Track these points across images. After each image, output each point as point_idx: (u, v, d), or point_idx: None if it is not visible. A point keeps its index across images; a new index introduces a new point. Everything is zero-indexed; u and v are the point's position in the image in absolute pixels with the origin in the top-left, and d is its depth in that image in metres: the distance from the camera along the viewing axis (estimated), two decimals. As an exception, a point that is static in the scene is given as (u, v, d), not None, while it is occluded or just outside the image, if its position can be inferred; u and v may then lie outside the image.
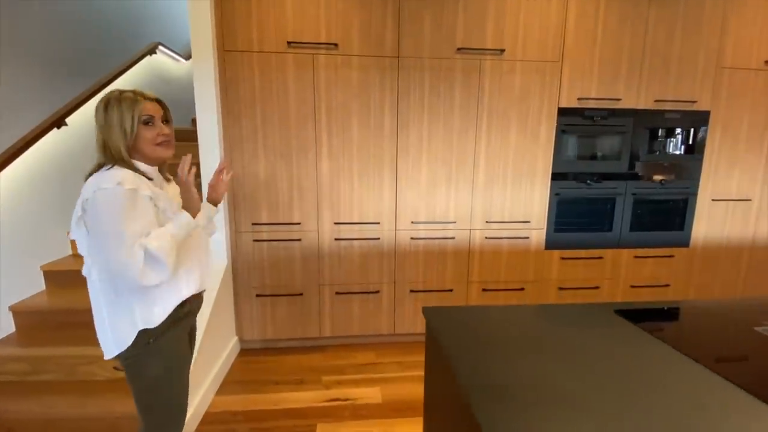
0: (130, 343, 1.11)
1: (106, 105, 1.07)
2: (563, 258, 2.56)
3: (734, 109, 2.52)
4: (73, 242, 2.55)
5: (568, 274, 2.59)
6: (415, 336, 2.60)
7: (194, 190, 1.17)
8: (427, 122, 2.32)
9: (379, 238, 2.42)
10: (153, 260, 1.04)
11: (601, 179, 2.52)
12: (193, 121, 3.05)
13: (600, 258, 2.59)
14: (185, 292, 1.18)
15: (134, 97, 1.08)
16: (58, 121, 2.37)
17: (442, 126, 2.33)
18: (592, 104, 2.40)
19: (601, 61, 2.36)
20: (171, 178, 1.28)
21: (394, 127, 2.30)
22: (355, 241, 2.41)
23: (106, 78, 2.76)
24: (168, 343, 1.17)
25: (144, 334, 1.11)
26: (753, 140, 2.58)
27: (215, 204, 1.30)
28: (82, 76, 2.65)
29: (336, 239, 2.40)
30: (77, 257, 2.50)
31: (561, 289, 2.60)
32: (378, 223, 2.40)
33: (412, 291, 2.49)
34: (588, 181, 2.50)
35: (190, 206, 1.16)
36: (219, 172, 1.32)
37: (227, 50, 2.15)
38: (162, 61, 3.56)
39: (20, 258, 2.19)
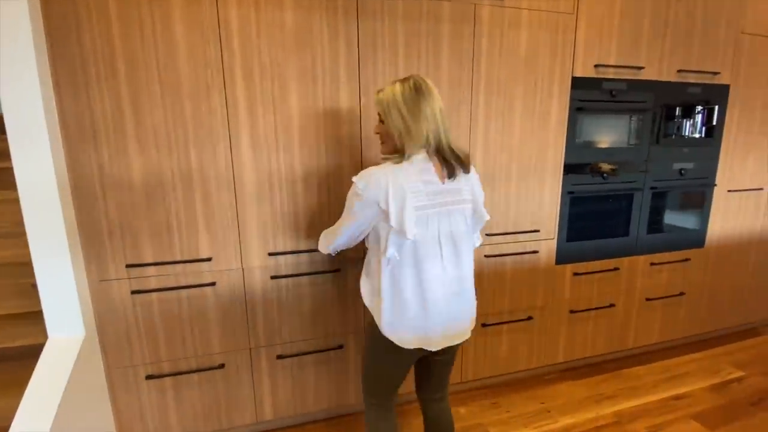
0: None
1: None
2: (576, 273, 2.00)
3: (752, 83, 2.13)
4: None
5: (582, 292, 2.04)
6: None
7: None
8: (403, 96, 1.56)
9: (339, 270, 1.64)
10: None
11: (618, 171, 1.99)
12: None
13: (616, 270, 2.08)
14: None
15: None
16: None
17: (424, 102, 1.59)
18: (611, 74, 1.84)
19: (622, 16, 1.79)
20: None
21: (355, 100, 1.53)
22: (303, 278, 1.61)
23: None
24: None
25: None
26: (766, 121, 2.23)
27: None
28: None
29: (273, 277, 1.57)
30: None
31: (573, 312, 2.05)
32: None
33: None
34: (604, 174, 1.96)
35: None
36: None
37: (50, -37, 1.20)
38: None
39: None
